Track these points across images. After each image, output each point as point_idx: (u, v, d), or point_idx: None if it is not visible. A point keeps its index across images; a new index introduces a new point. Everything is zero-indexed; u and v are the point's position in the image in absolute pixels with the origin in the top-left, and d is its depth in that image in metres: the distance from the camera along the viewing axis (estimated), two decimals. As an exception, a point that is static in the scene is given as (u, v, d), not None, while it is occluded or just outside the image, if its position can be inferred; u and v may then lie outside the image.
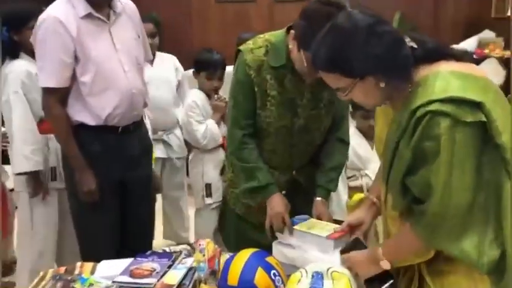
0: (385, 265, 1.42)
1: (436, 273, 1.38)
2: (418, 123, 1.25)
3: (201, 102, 2.95)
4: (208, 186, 2.95)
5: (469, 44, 5.32)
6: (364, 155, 2.58)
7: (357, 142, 2.35)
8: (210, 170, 2.95)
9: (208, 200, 2.96)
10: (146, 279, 1.51)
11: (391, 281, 1.46)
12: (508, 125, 1.26)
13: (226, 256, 1.70)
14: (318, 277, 1.46)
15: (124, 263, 1.72)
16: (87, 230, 2.31)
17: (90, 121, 2.18)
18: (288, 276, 1.54)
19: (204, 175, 2.96)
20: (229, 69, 3.11)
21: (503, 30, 6.40)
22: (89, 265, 1.79)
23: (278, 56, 1.85)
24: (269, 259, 1.60)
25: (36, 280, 1.70)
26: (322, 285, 1.44)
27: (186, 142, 3.28)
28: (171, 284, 1.48)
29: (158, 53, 3.43)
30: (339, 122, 2.01)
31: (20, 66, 2.55)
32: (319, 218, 1.89)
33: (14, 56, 2.57)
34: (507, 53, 4.91)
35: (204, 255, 1.56)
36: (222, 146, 2.93)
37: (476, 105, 1.22)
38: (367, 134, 2.58)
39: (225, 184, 2.28)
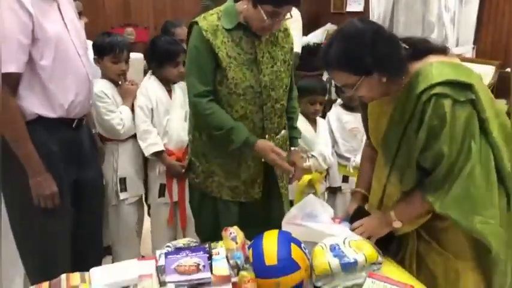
0: (397, 224, 1.66)
1: (432, 230, 1.66)
2: (425, 105, 1.50)
3: (109, 92, 2.68)
4: (122, 181, 2.75)
5: (317, 36, 5.92)
6: (310, 138, 2.77)
7: (302, 127, 2.53)
8: (124, 162, 2.75)
9: (123, 195, 2.75)
10: (199, 274, 1.45)
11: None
12: (488, 102, 1.56)
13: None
14: (336, 249, 1.60)
15: (117, 267, 1.63)
16: (42, 242, 2.01)
17: (51, 113, 1.91)
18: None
19: (117, 169, 2.74)
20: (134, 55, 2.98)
21: (342, 24, 7.39)
22: (75, 276, 1.61)
23: (230, 18, 2.00)
24: (293, 235, 1.66)
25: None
26: (345, 252, 1.58)
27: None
28: (225, 274, 1.46)
29: None
30: (292, 81, 2.24)
31: None
32: (293, 164, 2.21)
33: None
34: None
35: (236, 243, 1.57)
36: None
37: (467, 87, 1.50)
38: (310, 117, 2.81)
39: (198, 177, 2.23)
